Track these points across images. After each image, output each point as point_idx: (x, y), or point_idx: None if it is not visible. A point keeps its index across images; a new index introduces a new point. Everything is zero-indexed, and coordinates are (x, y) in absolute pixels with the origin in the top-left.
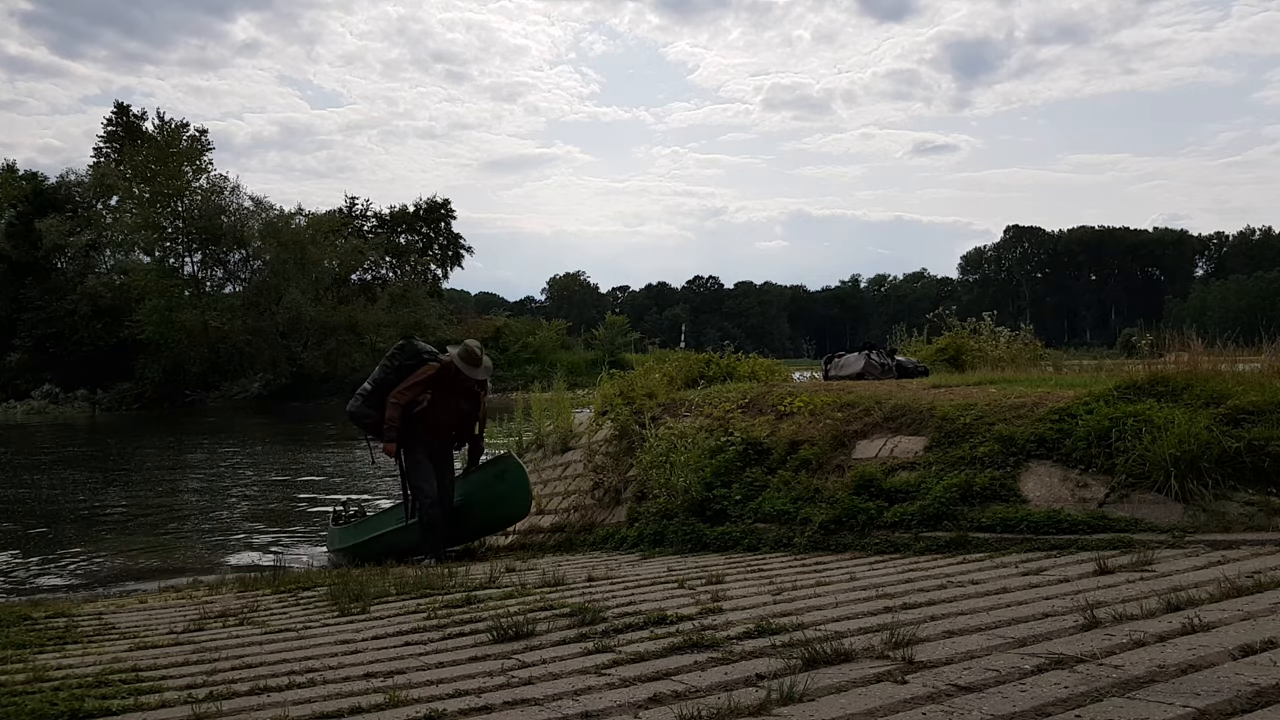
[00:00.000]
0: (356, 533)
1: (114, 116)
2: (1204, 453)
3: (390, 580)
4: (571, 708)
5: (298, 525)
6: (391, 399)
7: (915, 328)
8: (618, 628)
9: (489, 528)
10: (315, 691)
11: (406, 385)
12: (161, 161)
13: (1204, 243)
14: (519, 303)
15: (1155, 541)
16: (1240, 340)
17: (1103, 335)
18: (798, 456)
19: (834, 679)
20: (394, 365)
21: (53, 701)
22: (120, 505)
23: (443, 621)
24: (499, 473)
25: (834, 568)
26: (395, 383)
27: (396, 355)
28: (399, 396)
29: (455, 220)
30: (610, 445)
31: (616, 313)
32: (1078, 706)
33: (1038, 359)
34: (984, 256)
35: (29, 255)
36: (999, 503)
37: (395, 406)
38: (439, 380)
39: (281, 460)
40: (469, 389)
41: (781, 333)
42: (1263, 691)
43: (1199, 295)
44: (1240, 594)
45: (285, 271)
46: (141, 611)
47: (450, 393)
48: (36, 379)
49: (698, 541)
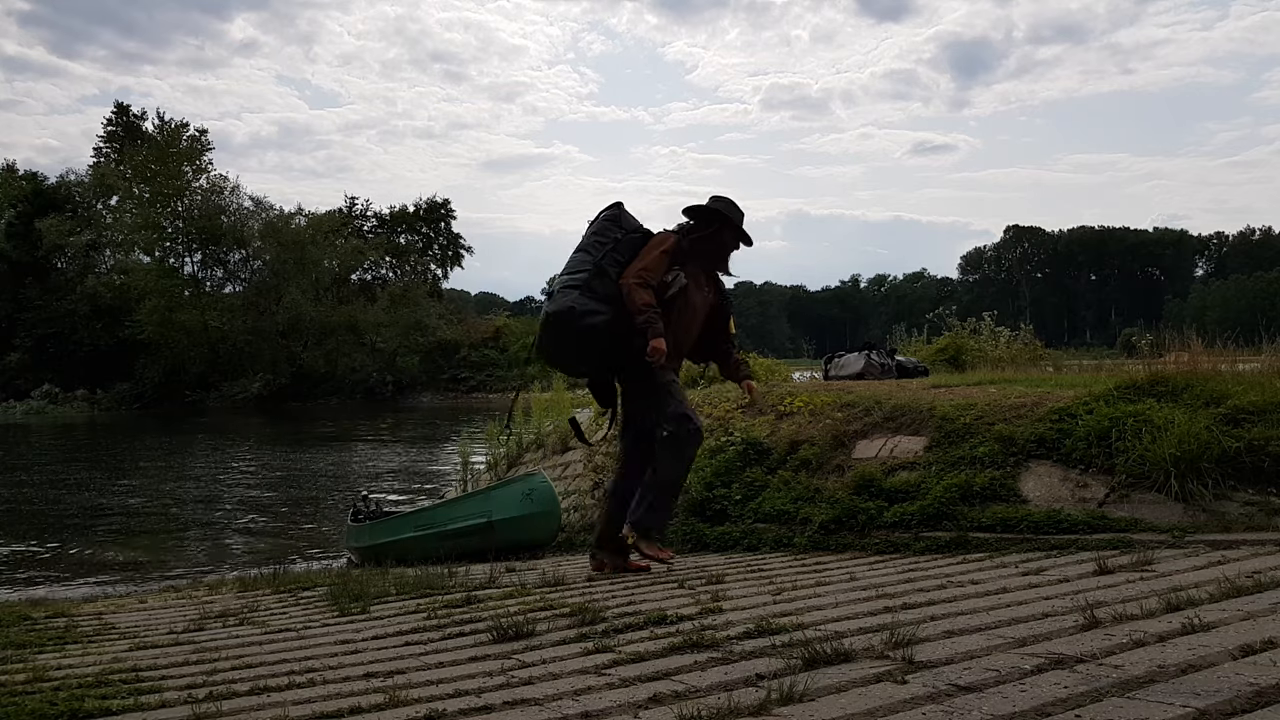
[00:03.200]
0: (389, 530)
1: (114, 116)
2: (1204, 453)
3: (390, 580)
4: (571, 708)
5: (298, 525)
6: (633, 279)
7: (915, 328)
8: (618, 628)
9: (511, 550)
10: (315, 691)
11: (650, 260)
12: (161, 161)
13: (1204, 243)
14: (519, 303)
15: (1155, 541)
16: (1240, 340)
17: (1103, 335)
18: (798, 456)
19: (834, 679)
20: (615, 238)
21: (53, 701)
22: (120, 505)
23: (443, 621)
24: (525, 491)
25: (834, 568)
26: (624, 261)
27: (614, 224)
28: (644, 275)
29: (455, 220)
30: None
31: None
32: (1078, 706)
33: (1038, 359)
34: (984, 256)
35: (29, 255)
36: (999, 503)
37: (642, 289)
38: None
39: (281, 460)
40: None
41: (781, 333)
42: (1263, 691)
43: (1199, 295)
44: (1240, 594)
45: (285, 271)
46: (141, 611)
47: (696, 281)
48: (36, 379)
49: (698, 541)
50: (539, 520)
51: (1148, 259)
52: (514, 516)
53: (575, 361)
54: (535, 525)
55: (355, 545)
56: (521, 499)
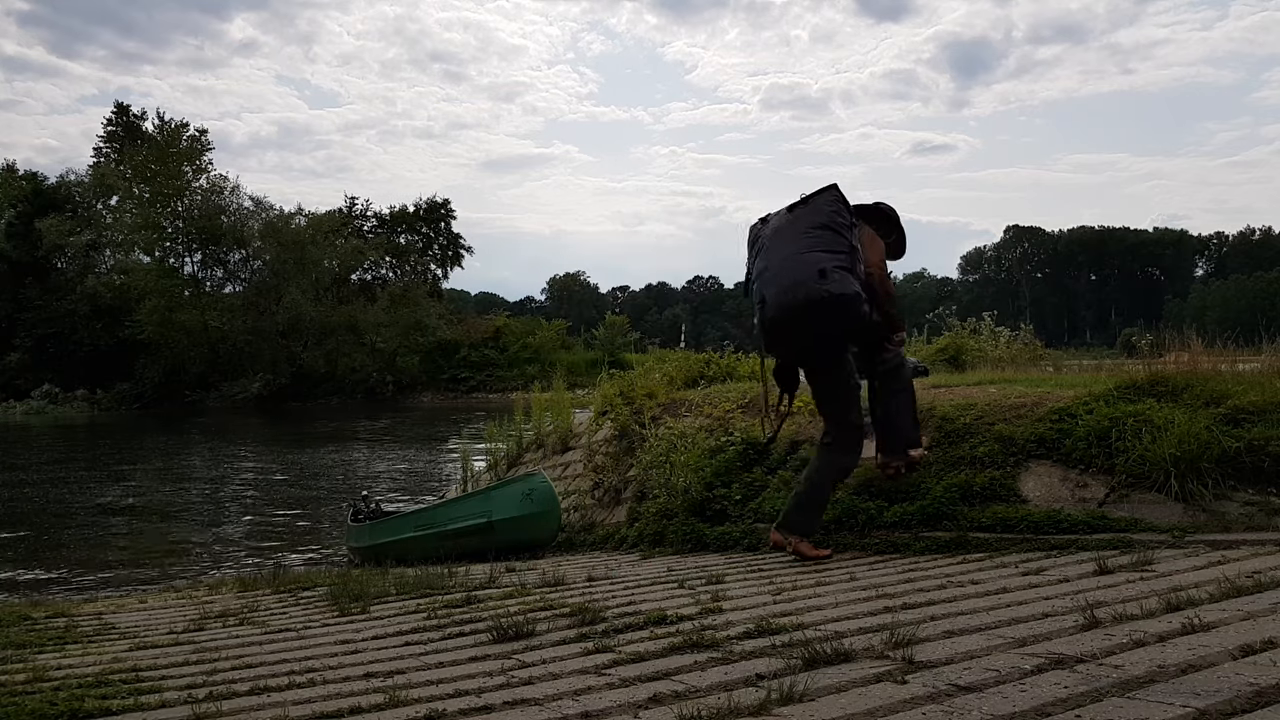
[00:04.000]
0: (390, 529)
1: (114, 116)
2: (1204, 453)
3: (390, 580)
4: (571, 708)
5: (298, 525)
6: (874, 270)
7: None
8: (618, 628)
9: (511, 550)
10: (315, 691)
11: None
12: (161, 161)
13: (1204, 243)
14: (519, 303)
15: (1155, 541)
16: (1240, 340)
17: (1103, 335)
18: (798, 456)
19: (834, 679)
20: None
21: (53, 701)
22: (120, 505)
23: (443, 621)
24: (525, 491)
25: (834, 568)
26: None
27: (846, 206)
28: (880, 268)
29: (455, 220)
30: (610, 445)
31: (616, 313)
32: (1078, 706)
33: (1038, 359)
34: (984, 256)
35: (29, 255)
36: (999, 503)
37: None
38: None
39: (281, 460)
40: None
41: None
42: (1263, 691)
43: (1199, 295)
44: (1240, 594)
45: (285, 271)
46: (141, 611)
47: None
48: (36, 379)
49: (698, 541)
50: (539, 520)
51: (1148, 259)
52: (514, 516)
53: (823, 348)
54: (535, 525)
55: (355, 545)
56: (521, 499)
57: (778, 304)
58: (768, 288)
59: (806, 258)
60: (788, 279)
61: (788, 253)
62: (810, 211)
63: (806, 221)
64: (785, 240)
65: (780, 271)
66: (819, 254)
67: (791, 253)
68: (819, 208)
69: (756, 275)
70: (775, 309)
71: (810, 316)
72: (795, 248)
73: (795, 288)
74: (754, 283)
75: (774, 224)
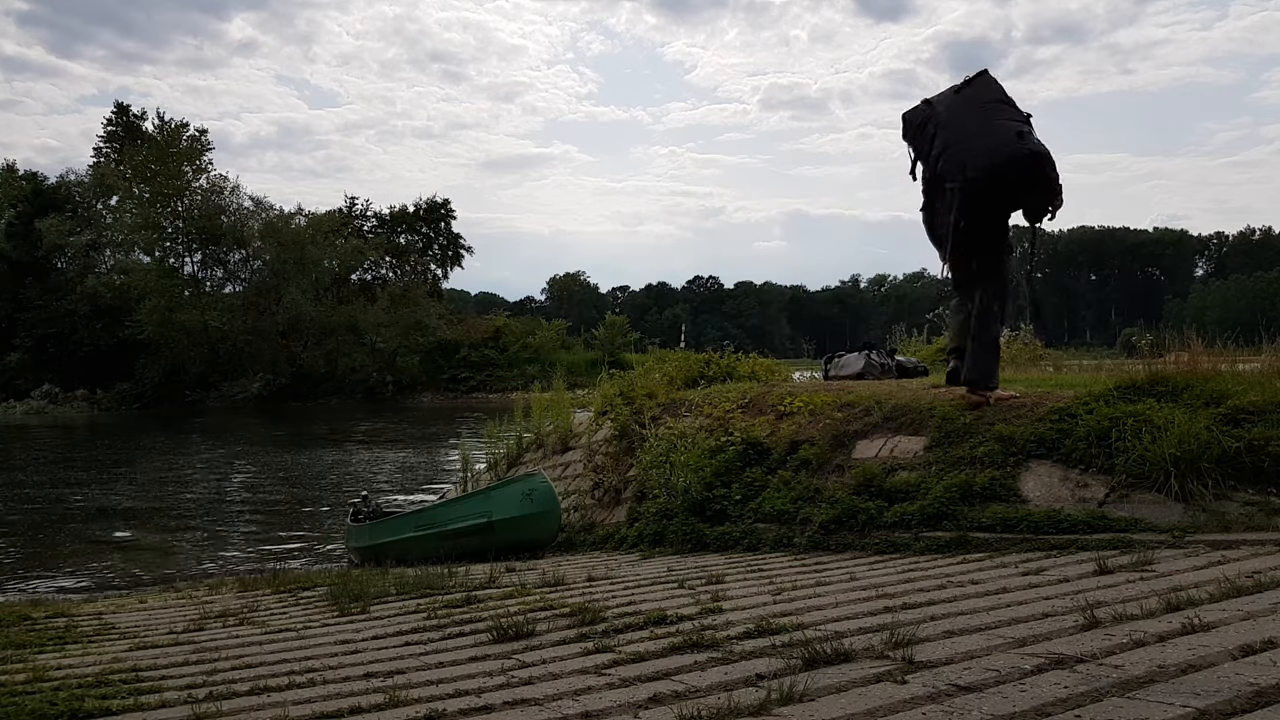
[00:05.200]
0: (390, 529)
1: (114, 116)
2: (1204, 453)
3: (390, 580)
4: (571, 707)
5: (298, 525)
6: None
7: (915, 328)
8: (618, 628)
9: (511, 550)
10: (315, 691)
11: None
12: (161, 161)
13: (1204, 243)
14: (519, 303)
15: (1155, 541)
16: (1240, 340)
17: (1103, 335)
18: (798, 456)
19: (834, 679)
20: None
21: (53, 701)
22: (120, 505)
23: (443, 621)
24: (525, 491)
25: (834, 568)
26: None
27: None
28: None
29: (455, 220)
30: (610, 445)
31: (616, 313)
32: (1078, 706)
33: (1038, 359)
34: None
35: (29, 255)
36: (999, 503)
37: None
38: None
39: (281, 460)
40: None
41: (781, 333)
42: (1263, 691)
43: (1199, 295)
44: (1240, 594)
45: (285, 271)
46: (141, 611)
47: None
48: (36, 379)
49: (698, 541)
50: (539, 520)
51: (1148, 259)
52: (514, 516)
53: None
54: (535, 525)
55: (355, 545)
56: (521, 499)
57: (982, 166)
58: (967, 155)
59: (999, 124)
60: (988, 142)
61: (976, 123)
62: (980, 87)
63: (982, 97)
64: (969, 114)
65: (976, 138)
66: (1008, 121)
67: (981, 122)
68: (987, 84)
69: (941, 151)
70: (979, 170)
71: (1015, 172)
72: (983, 117)
73: (998, 149)
74: (939, 160)
75: (946, 104)
